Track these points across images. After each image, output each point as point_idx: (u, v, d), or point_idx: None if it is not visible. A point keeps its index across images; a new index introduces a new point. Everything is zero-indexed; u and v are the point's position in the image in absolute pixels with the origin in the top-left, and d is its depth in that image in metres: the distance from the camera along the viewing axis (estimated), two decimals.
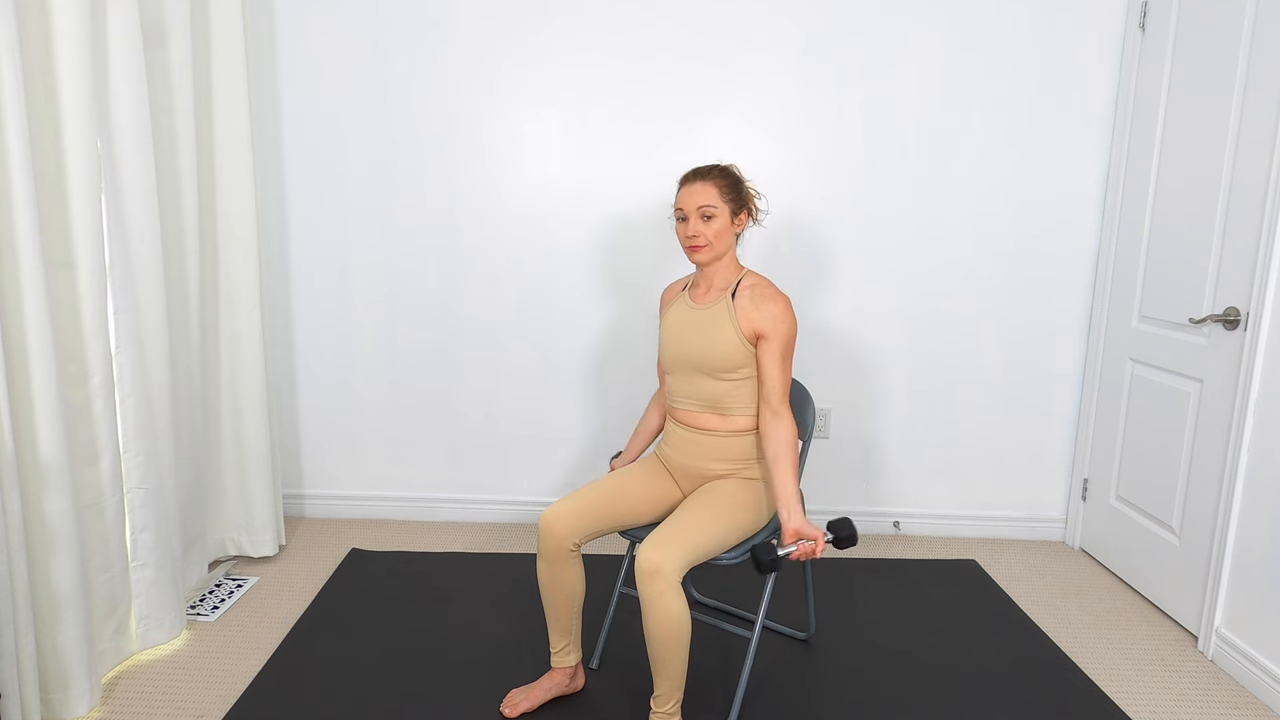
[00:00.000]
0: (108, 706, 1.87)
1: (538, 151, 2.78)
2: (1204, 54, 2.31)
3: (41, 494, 1.70)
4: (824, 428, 2.91)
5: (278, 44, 2.72)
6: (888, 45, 2.68)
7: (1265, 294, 2.03)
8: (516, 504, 3.01)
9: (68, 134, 1.74)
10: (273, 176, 2.79)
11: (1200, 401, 2.28)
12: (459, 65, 2.73)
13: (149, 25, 2.04)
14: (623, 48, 2.70)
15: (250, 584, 2.49)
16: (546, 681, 1.91)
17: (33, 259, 1.62)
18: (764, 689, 2.00)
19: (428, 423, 2.96)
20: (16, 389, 1.65)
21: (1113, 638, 2.30)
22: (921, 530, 2.99)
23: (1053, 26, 2.66)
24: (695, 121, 2.74)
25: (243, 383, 2.53)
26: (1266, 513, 2.03)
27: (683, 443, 1.90)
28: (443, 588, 2.47)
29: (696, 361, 1.83)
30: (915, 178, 2.76)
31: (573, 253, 2.84)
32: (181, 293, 2.27)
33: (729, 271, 1.87)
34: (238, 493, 2.58)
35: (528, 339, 2.89)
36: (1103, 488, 2.76)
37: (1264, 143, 2.06)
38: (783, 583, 2.52)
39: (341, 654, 2.10)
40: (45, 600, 1.73)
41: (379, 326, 2.90)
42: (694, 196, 1.79)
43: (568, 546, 1.78)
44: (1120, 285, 2.67)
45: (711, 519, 1.71)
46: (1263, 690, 2.01)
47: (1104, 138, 2.73)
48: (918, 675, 2.07)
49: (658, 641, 1.63)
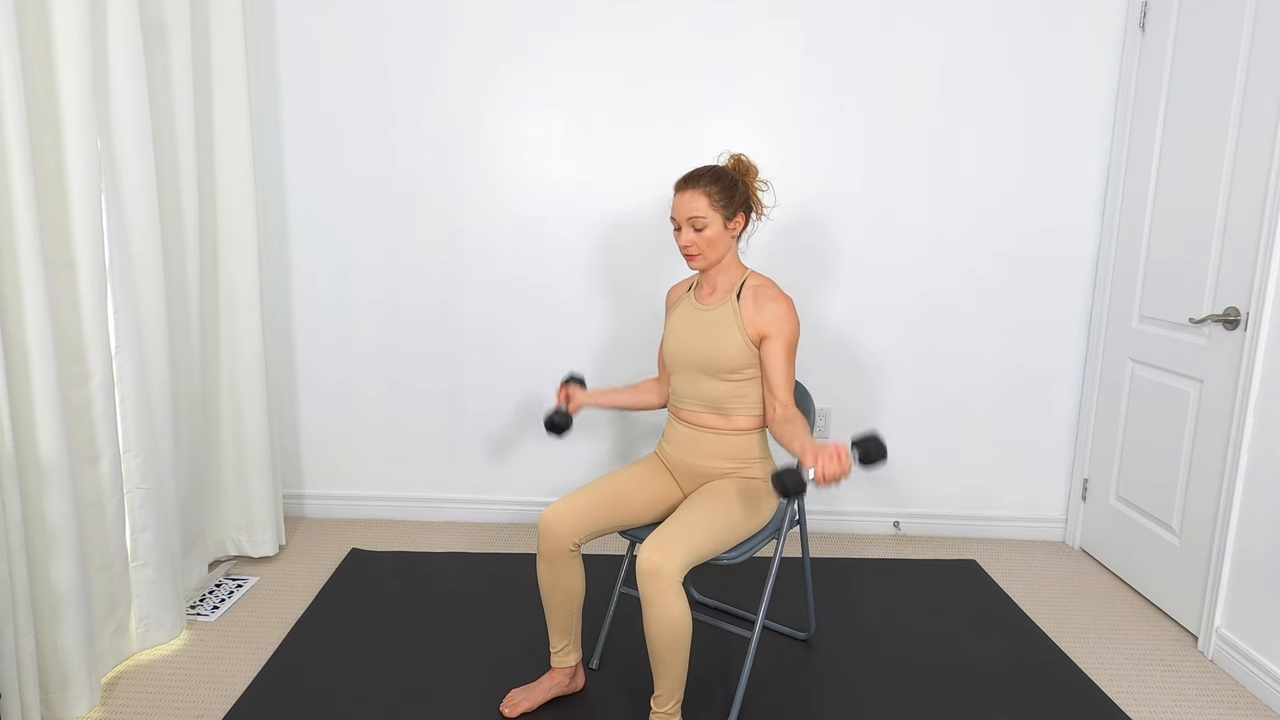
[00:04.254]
0: (108, 706, 1.87)
1: (538, 151, 2.78)
2: (1204, 54, 2.31)
3: (41, 494, 1.70)
4: (824, 428, 2.91)
5: (278, 44, 2.72)
6: (888, 45, 2.68)
7: (1265, 294, 2.03)
8: (516, 504, 3.01)
9: (68, 134, 1.74)
10: (273, 176, 2.79)
11: (1200, 401, 2.28)
12: (459, 65, 2.73)
13: (149, 25, 2.04)
14: (623, 48, 2.70)
15: (250, 584, 2.49)
16: (546, 681, 1.91)
17: (33, 259, 1.62)
18: (764, 689, 2.00)
19: (428, 423, 2.96)
20: (16, 389, 1.65)
21: (1113, 638, 2.30)
22: (921, 530, 2.99)
23: (1053, 26, 2.67)
24: (695, 121, 2.74)
25: (243, 383, 2.53)
26: (1266, 513, 2.03)
27: (684, 440, 1.90)
28: (443, 588, 2.47)
29: (701, 362, 1.83)
30: (915, 178, 2.76)
31: (573, 252, 2.84)
32: (181, 293, 2.26)
33: (732, 273, 1.87)
34: (238, 493, 2.58)
35: (528, 339, 2.89)
36: (1103, 488, 2.76)
37: (1264, 143, 2.06)
38: (783, 583, 2.52)
39: (341, 654, 2.10)
40: (45, 600, 1.73)
41: (379, 326, 2.90)
42: (684, 207, 1.79)
43: (568, 546, 1.78)
44: (1120, 285, 2.68)
45: (712, 519, 1.71)
46: (1263, 690, 2.01)
47: (1104, 138, 2.73)
48: (918, 675, 2.07)
49: (658, 641, 1.63)
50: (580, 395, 2.05)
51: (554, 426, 1.98)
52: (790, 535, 2.63)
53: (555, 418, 1.99)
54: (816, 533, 2.97)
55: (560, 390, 2.05)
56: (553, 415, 1.99)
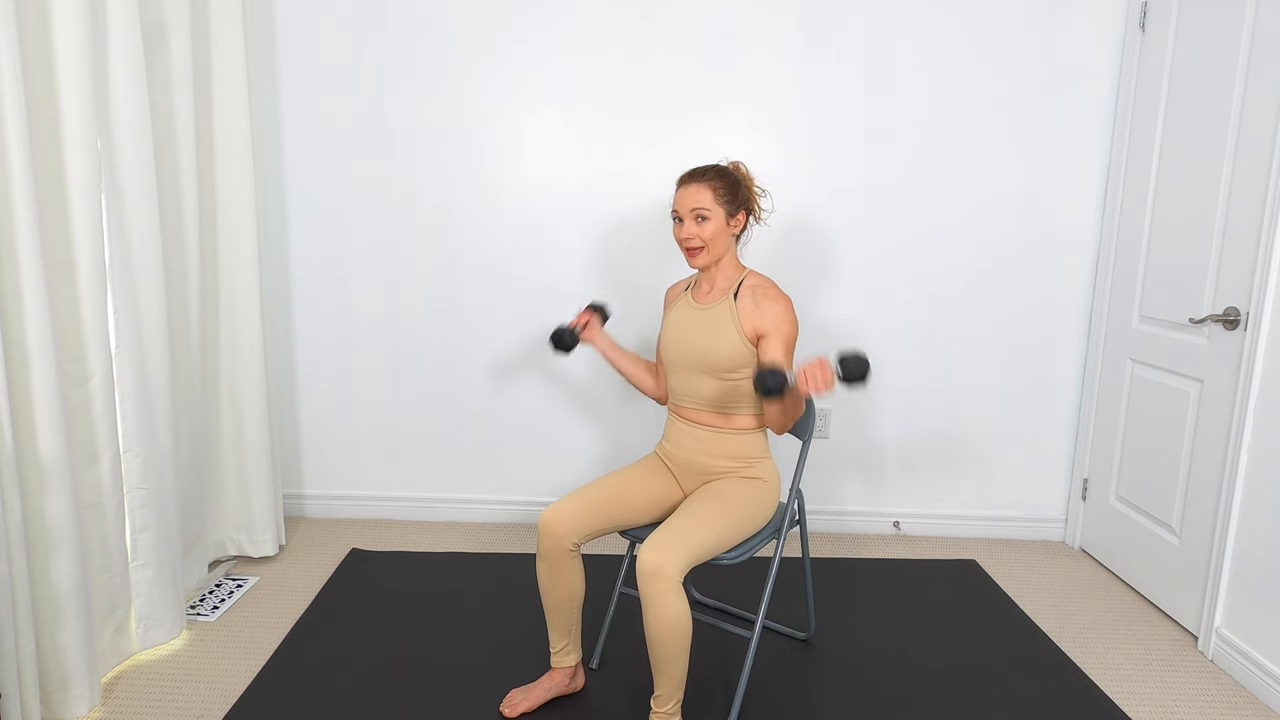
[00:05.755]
0: (108, 706, 1.87)
1: (537, 152, 2.78)
2: (1204, 54, 2.31)
3: (41, 494, 1.70)
4: (824, 428, 2.91)
5: (278, 44, 2.72)
6: (889, 45, 2.68)
7: (1265, 294, 2.03)
8: (516, 504, 3.01)
9: (67, 134, 1.74)
10: (273, 176, 2.79)
11: (1200, 402, 2.28)
12: (458, 65, 2.73)
13: (149, 25, 2.04)
14: (623, 47, 2.70)
15: (250, 584, 2.49)
16: (546, 681, 1.91)
17: (33, 259, 1.62)
18: (764, 689, 2.00)
19: (428, 423, 2.96)
20: (16, 389, 1.65)
21: (1113, 638, 2.30)
22: (921, 530, 2.99)
23: (1053, 26, 2.66)
24: (695, 121, 2.74)
25: (243, 383, 2.53)
26: (1266, 513, 2.03)
27: (684, 438, 1.90)
28: (443, 588, 2.47)
29: (698, 361, 1.83)
30: (915, 178, 2.76)
31: (572, 253, 2.83)
32: (181, 293, 2.26)
33: (730, 272, 1.87)
34: (238, 493, 2.58)
35: (527, 339, 2.89)
36: (1103, 488, 2.76)
37: (1264, 143, 2.06)
38: (783, 583, 2.52)
39: (341, 654, 2.10)
40: (45, 600, 1.73)
41: (379, 326, 2.90)
42: (688, 199, 1.80)
43: (567, 546, 1.78)
44: (1120, 285, 2.68)
45: (712, 519, 1.72)
46: (1263, 690, 2.01)
47: (1104, 137, 2.73)
48: (918, 675, 2.07)
49: (658, 642, 1.63)
50: (596, 330, 2.03)
51: (560, 341, 1.96)
52: (790, 535, 2.63)
53: (565, 335, 1.96)
54: (816, 533, 2.97)
55: (583, 313, 2.03)
56: (563, 331, 1.96)
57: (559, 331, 1.96)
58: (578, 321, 2.01)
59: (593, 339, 2.03)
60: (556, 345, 1.96)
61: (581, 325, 2.01)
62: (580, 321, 2.01)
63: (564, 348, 1.97)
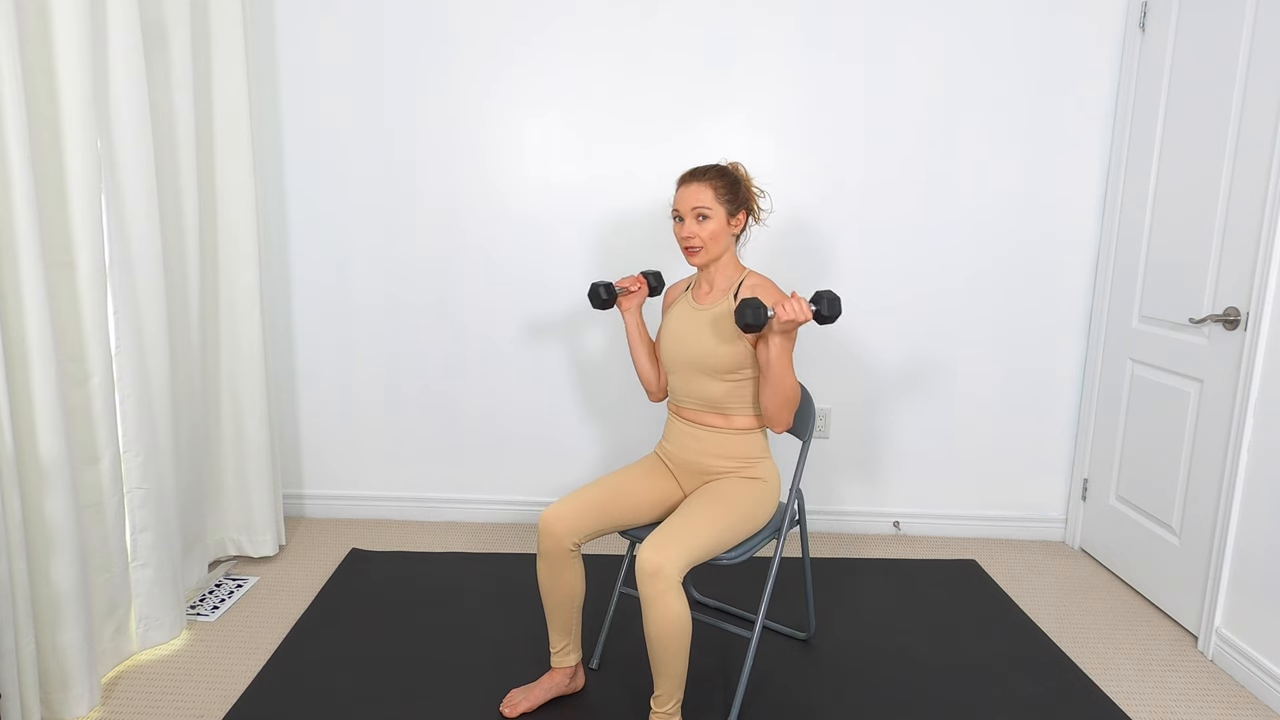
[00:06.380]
0: (108, 706, 1.87)
1: (538, 152, 2.78)
2: (1204, 54, 2.31)
3: (41, 494, 1.70)
4: (824, 428, 2.91)
5: (278, 44, 2.72)
6: (889, 45, 2.68)
7: (1265, 294, 2.03)
8: (516, 504, 3.01)
9: (67, 134, 1.74)
10: (273, 176, 2.79)
11: (1200, 402, 2.28)
12: (459, 65, 2.73)
13: (149, 25, 2.04)
14: (623, 48, 2.70)
15: (250, 584, 2.49)
16: (546, 681, 1.91)
17: (33, 259, 1.62)
18: (764, 689, 2.00)
19: (428, 423, 2.96)
20: (16, 389, 1.65)
21: (1113, 638, 2.30)
22: (921, 530, 2.99)
23: (1053, 26, 2.66)
24: (695, 121, 2.74)
25: (243, 383, 2.53)
26: (1266, 513, 2.03)
27: (684, 438, 1.90)
28: (443, 588, 2.47)
29: (697, 362, 1.83)
30: (915, 177, 2.76)
31: (573, 252, 2.84)
32: (181, 293, 2.27)
33: (730, 272, 1.87)
34: (238, 493, 2.58)
35: (527, 339, 2.89)
36: (1103, 488, 2.76)
37: (1264, 143, 2.06)
38: (783, 583, 2.52)
39: (341, 654, 2.10)
40: (45, 600, 1.73)
41: (379, 326, 2.90)
42: (689, 198, 1.80)
43: (567, 546, 1.78)
44: (1120, 285, 2.68)
45: (712, 519, 1.72)
46: (1262, 690, 2.01)
47: (1104, 137, 2.73)
48: (918, 675, 2.07)
49: (658, 642, 1.62)
50: (637, 300, 2.00)
51: (596, 295, 1.95)
52: (790, 535, 2.63)
53: (602, 289, 1.95)
54: (816, 533, 2.97)
55: (636, 277, 2.01)
56: (604, 284, 1.95)
57: (599, 284, 1.95)
58: (627, 283, 1.99)
59: (629, 306, 2.01)
60: (593, 296, 1.95)
61: (624, 289, 1.99)
62: (626, 284, 1.99)
63: (604, 303, 1.96)
